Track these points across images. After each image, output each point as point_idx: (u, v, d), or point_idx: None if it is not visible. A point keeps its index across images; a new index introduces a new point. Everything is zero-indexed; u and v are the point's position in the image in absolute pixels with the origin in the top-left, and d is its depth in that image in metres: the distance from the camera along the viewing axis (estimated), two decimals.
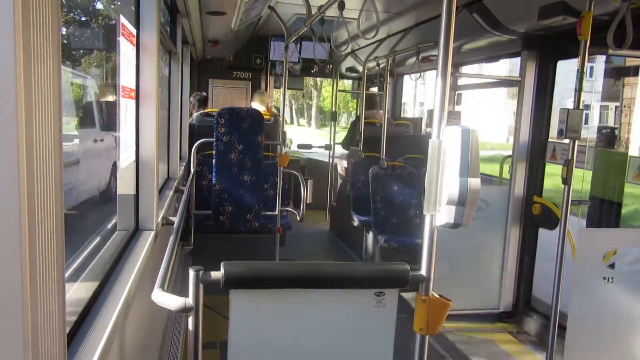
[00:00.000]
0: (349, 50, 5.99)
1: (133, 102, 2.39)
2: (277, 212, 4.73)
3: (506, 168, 4.61)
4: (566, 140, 2.94)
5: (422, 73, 5.50)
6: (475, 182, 1.51)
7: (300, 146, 7.99)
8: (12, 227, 0.75)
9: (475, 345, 3.78)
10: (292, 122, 44.42)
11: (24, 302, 0.77)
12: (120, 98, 2.11)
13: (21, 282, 0.76)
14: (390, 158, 5.42)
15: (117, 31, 2.04)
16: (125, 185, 2.44)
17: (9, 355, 0.77)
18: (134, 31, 2.35)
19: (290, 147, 9.40)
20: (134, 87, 2.40)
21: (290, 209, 5.14)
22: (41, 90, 0.81)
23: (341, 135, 7.35)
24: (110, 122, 3.08)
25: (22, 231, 0.75)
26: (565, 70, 4.00)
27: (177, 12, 4.17)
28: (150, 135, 2.54)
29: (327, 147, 7.55)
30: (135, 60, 2.44)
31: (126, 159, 2.25)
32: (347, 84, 11.40)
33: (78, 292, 1.68)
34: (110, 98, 3.11)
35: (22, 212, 0.75)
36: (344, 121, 28.72)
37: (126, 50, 2.14)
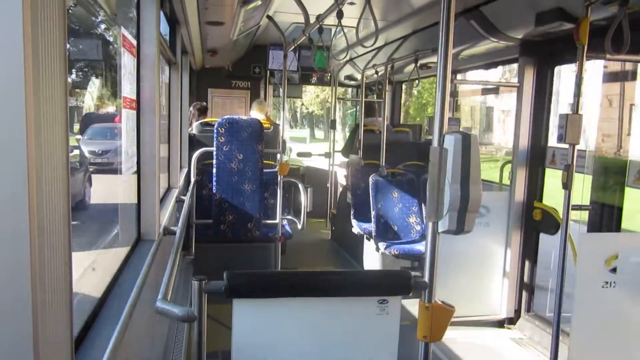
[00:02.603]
0: (347, 58, 6.01)
1: (134, 112, 2.40)
2: (277, 221, 4.72)
3: (506, 173, 4.62)
4: (566, 145, 2.95)
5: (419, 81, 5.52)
6: (476, 188, 1.52)
7: (300, 154, 8.00)
8: (20, 233, 0.75)
9: (478, 352, 3.76)
10: (324, 137, 29.79)
11: (33, 310, 0.78)
12: (122, 109, 2.12)
13: (30, 289, 0.77)
14: (390, 165, 5.42)
15: (118, 42, 2.05)
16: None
17: None
18: (134, 42, 2.37)
19: (290, 156, 9.41)
20: (134, 97, 2.41)
21: (291, 218, 5.14)
22: (48, 97, 0.82)
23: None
24: None
25: (31, 238, 0.76)
26: None
27: (176, 22, 4.19)
28: (152, 146, 2.54)
29: (327, 155, 7.57)
30: (136, 71, 2.45)
31: (128, 169, 2.26)
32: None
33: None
34: None
35: (32, 219, 0.76)
36: None
37: (127, 61, 2.15)
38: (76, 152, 3.00)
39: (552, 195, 3.88)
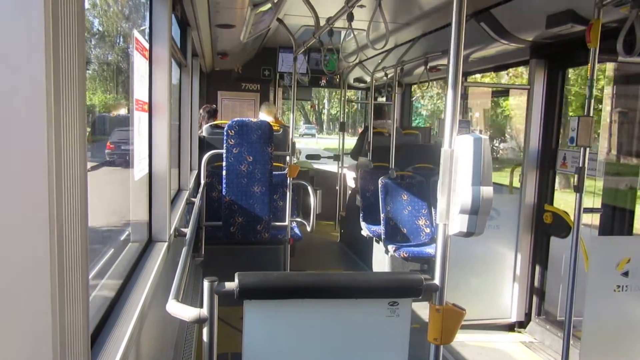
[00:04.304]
0: (357, 60, 6.02)
1: (146, 114, 2.41)
2: (287, 223, 4.73)
3: (516, 176, 4.60)
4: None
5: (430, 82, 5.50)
6: (487, 190, 1.52)
7: (309, 157, 8.02)
8: (40, 235, 0.77)
9: (488, 356, 3.74)
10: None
11: (52, 306, 0.80)
12: (134, 111, 2.14)
13: (49, 287, 0.79)
14: (399, 168, 5.42)
15: (132, 45, 2.07)
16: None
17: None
18: (146, 45, 2.38)
19: (299, 158, 9.43)
20: (147, 100, 2.43)
21: (300, 220, 5.14)
22: (67, 103, 0.84)
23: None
24: None
25: (50, 239, 0.78)
26: None
27: (187, 25, 4.21)
28: (163, 148, 2.56)
29: (336, 158, 7.57)
30: (148, 73, 2.46)
31: (140, 171, 2.27)
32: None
33: None
34: None
35: (51, 221, 0.78)
36: None
37: (139, 64, 2.17)
38: None
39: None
